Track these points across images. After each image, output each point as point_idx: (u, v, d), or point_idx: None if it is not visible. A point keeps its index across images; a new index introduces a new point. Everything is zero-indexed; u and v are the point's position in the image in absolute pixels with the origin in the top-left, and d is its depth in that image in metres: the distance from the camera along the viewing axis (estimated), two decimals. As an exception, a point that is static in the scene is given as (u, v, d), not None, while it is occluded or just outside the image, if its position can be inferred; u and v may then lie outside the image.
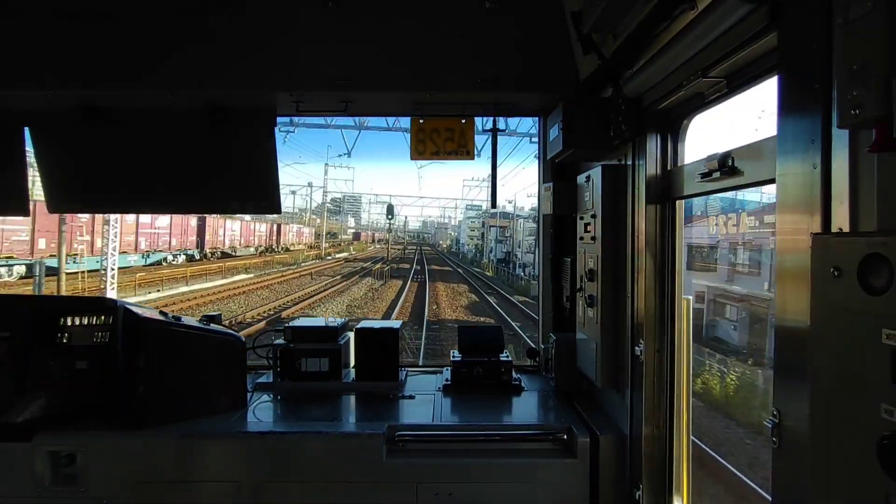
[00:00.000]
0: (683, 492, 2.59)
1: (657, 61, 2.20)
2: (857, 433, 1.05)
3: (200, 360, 3.10)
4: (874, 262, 1.02)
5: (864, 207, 1.20)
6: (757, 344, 10.25)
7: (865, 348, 1.03)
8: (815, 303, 1.17)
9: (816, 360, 1.18)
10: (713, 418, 8.65)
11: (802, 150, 1.43)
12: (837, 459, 1.13)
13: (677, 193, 2.48)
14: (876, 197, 1.16)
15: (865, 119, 1.04)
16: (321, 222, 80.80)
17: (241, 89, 3.37)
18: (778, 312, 1.54)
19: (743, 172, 1.94)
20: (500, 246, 57.01)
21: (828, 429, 1.16)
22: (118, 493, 2.76)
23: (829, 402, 1.15)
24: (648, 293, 2.63)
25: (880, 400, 1.00)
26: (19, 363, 3.10)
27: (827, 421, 1.16)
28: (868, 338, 1.02)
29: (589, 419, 3.01)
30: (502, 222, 57.51)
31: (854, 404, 1.07)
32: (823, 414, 1.17)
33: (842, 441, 1.11)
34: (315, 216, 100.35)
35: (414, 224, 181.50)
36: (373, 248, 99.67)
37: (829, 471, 1.17)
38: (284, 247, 61.60)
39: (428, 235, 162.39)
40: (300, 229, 74.02)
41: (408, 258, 70.29)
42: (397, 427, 2.91)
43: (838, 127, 1.19)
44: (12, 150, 3.73)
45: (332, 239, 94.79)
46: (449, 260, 76.06)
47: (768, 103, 1.73)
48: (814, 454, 1.21)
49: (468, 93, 3.43)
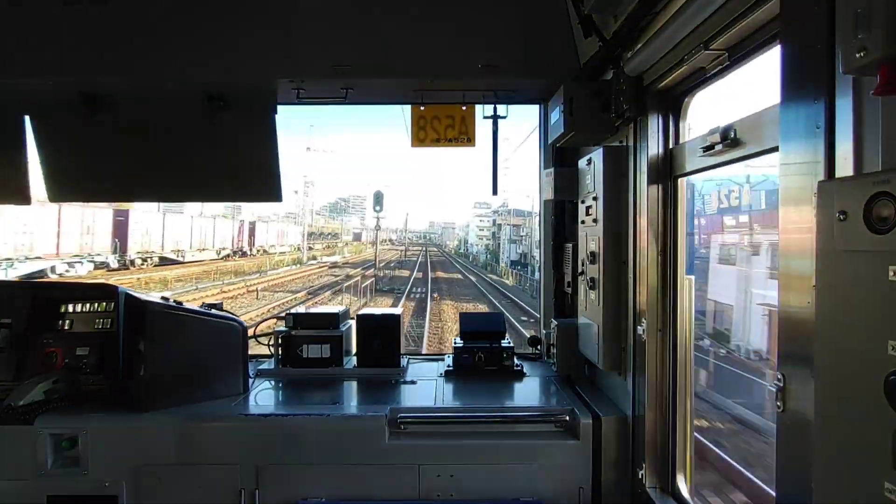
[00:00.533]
0: (686, 471, 2.59)
1: (659, 37, 2.20)
2: (865, 372, 1.05)
3: (202, 344, 3.10)
4: (880, 200, 1.02)
5: (869, 159, 1.20)
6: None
7: (872, 287, 1.04)
8: (821, 250, 1.17)
9: (822, 305, 1.18)
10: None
11: (806, 112, 1.43)
12: (844, 402, 1.13)
13: (679, 171, 2.49)
14: (881, 147, 1.16)
15: (870, 61, 1.04)
16: (323, 222, 77.77)
17: (242, 76, 3.37)
18: (781, 288, 1.55)
19: (745, 143, 1.94)
20: (514, 247, 53.33)
21: (834, 372, 1.16)
22: (120, 476, 2.76)
23: (835, 344, 1.15)
24: (651, 273, 2.63)
25: (888, 337, 1.01)
26: (21, 350, 3.10)
27: (833, 362, 1.16)
28: (875, 277, 1.03)
29: (591, 402, 3.01)
30: (516, 220, 53.99)
31: (861, 344, 1.07)
32: (829, 357, 1.17)
33: (849, 381, 1.11)
34: (319, 215, 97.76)
35: (420, 225, 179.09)
36: (373, 249, 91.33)
37: (835, 417, 1.17)
38: (262, 249, 52.09)
39: (434, 235, 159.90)
40: (282, 229, 64.51)
41: (408, 262, 61.44)
42: (399, 409, 2.90)
43: (843, 72, 1.19)
44: (12, 139, 3.74)
45: (332, 240, 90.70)
46: (457, 264, 65.47)
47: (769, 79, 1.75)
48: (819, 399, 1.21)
49: (468, 79, 3.44)
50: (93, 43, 3.24)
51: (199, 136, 3.65)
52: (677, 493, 2.57)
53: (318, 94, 3.65)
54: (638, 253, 2.69)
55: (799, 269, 1.45)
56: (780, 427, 1.54)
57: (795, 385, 1.47)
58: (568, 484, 2.80)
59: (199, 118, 3.58)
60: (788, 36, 1.54)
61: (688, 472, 2.59)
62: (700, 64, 2.19)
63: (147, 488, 2.77)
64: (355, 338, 3.64)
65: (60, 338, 3.16)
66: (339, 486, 2.79)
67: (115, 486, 2.76)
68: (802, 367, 1.42)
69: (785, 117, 1.53)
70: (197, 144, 3.68)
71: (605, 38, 2.70)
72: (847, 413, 1.12)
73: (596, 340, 3.00)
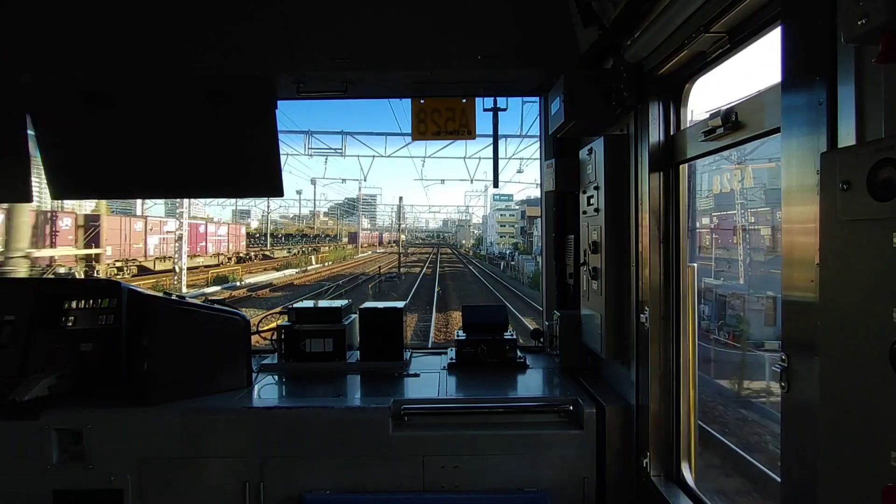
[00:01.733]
0: (691, 459, 2.58)
1: (659, 21, 2.20)
2: (870, 341, 1.05)
3: (205, 338, 3.10)
4: (883, 167, 1.02)
5: (871, 131, 1.20)
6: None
7: (877, 255, 1.03)
8: (824, 222, 1.17)
9: (825, 277, 1.18)
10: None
11: (807, 89, 1.43)
12: (850, 373, 1.13)
13: (680, 157, 2.48)
14: (883, 118, 1.15)
15: (872, 29, 1.04)
16: (332, 223, 70.29)
17: (242, 71, 3.37)
18: (784, 267, 1.54)
19: (747, 126, 1.93)
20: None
21: (839, 343, 1.15)
22: (125, 470, 2.76)
23: (839, 315, 1.15)
24: (653, 261, 2.62)
25: (892, 305, 1.00)
26: (24, 346, 3.11)
27: (838, 334, 1.15)
28: (879, 244, 1.02)
29: (594, 392, 3.01)
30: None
31: (865, 312, 1.07)
32: (834, 329, 1.17)
33: (854, 351, 1.11)
34: (328, 217, 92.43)
35: (433, 224, 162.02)
36: (368, 253, 74.54)
37: (840, 389, 1.16)
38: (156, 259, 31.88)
39: (448, 234, 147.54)
40: (237, 229, 46.81)
41: (412, 268, 45.08)
42: (403, 401, 2.90)
43: (844, 41, 1.18)
44: (14, 137, 3.75)
45: (332, 242, 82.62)
46: (475, 270, 45.66)
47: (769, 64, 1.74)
48: (825, 372, 1.21)
49: (468, 71, 3.43)
50: (94, 39, 3.24)
51: (199, 131, 3.66)
52: (682, 481, 2.57)
53: (318, 89, 3.65)
54: (640, 241, 2.69)
55: (802, 247, 1.44)
56: (785, 407, 1.53)
57: (799, 364, 1.47)
58: (572, 474, 2.80)
59: (199, 114, 3.59)
60: (789, 13, 1.54)
61: (692, 461, 2.58)
62: (700, 48, 2.18)
63: (152, 482, 2.77)
64: (359, 331, 3.64)
65: (64, 334, 3.17)
66: (343, 477, 2.79)
67: (121, 480, 2.76)
68: (807, 346, 1.42)
69: (787, 95, 1.53)
70: (198, 140, 3.68)
71: (604, 25, 2.69)
72: (853, 383, 1.12)
73: (599, 330, 3.00)
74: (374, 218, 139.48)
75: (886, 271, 1.02)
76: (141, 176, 3.79)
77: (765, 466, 6.12)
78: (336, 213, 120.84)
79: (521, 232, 58.48)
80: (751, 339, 12.76)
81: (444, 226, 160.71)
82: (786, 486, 1.58)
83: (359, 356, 3.64)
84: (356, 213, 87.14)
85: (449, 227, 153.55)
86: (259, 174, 3.72)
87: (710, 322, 14.14)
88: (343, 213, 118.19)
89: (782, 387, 1.53)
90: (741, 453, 6.65)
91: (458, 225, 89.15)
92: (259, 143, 3.66)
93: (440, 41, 3.31)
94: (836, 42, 1.31)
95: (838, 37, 1.28)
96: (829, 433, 1.24)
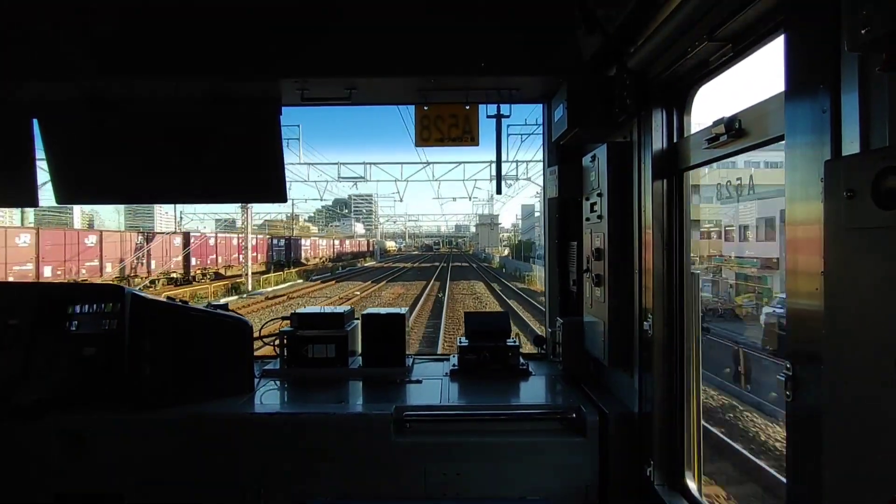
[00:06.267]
0: (695, 468, 2.56)
1: (663, 29, 2.20)
2: (876, 349, 1.04)
3: (207, 343, 3.11)
4: (888, 176, 1.02)
5: (876, 139, 1.19)
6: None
7: (881, 263, 1.03)
8: (828, 231, 1.16)
9: (830, 285, 1.17)
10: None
11: (811, 97, 1.43)
12: (855, 380, 1.12)
13: (684, 164, 2.48)
14: (888, 127, 1.15)
15: (876, 37, 1.04)
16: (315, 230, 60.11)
17: (247, 78, 3.39)
18: (789, 275, 1.54)
19: (750, 133, 1.93)
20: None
21: (844, 351, 1.14)
22: (126, 474, 2.76)
23: (844, 323, 1.14)
24: (656, 268, 2.61)
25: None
26: (27, 350, 3.12)
27: (843, 341, 1.14)
28: (883, 252, 1.02)
29: (598, 399, 2.99)
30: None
31: (870, 321, 1.06)
32: (839, 336, 1.16)
33: (859, 359, 1.10)
34: (308, 223, 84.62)
35: (444, 229, 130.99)
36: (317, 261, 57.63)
37: (846, 396, 1.15)
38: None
39: (463, 240, 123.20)
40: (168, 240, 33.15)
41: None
42: (405, 408, 2.89)
43: (848, 50, 1.19)
44: (20, 142, 3.77)
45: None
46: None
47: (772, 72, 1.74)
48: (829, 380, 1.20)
49: (471, 77, 3.45)
50: (99, 45, 3.27)
51: (204, 137, 3.68)
52: (686, 490, 2.54)
53: (322, 95, 3.67)
54: (643, 248, 2.68)
55: (807, 255, 1.44)
56: (790, 415, 1.52)
57: (804, 373, 1.46)
58: (575, 482, 2.78)
59: (204, 120, 3.61)
60: (792, 21, 1.54)
61: (696, 469, 2.56)
62: (704, 56, 2.19)
63: (153, 486, 2.76)
64: (360, 337, 3.64)
65: (67, 338, 3.17)
66: (344, 484, 2.77)
67: (122, 484, 2.76)
68: (812, 354, 1.41)
69: (790, 103, 1.53)
70: (203, 146, 3.70)
71: (608, 32, 2.70)
72: (858, 392, 1.11)
73: (602, 337, 2.98)
74: (370, 222, 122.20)
75: (891, 279, 1.01)
76: (145, 181, 3.81)
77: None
78: (321, 218, 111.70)
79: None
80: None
81: (458, 231, 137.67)
82: (792, 495, 1.57)
83: (361, 362, 3.63)
84: (348, 216, 79.50)
85: (463, 233, 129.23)
86: (263, 180, 3.74)
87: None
88: (330, 217, 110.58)
89: (787, 395, 1.52)
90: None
91: (480, 225, 56.26)
92: (263, 149, 3.68)
93: (444, 48, 3.33)
94: (840, 50, 1.31)
95: (842, 45, 1.29)
96: (834, 442, 1.23)
